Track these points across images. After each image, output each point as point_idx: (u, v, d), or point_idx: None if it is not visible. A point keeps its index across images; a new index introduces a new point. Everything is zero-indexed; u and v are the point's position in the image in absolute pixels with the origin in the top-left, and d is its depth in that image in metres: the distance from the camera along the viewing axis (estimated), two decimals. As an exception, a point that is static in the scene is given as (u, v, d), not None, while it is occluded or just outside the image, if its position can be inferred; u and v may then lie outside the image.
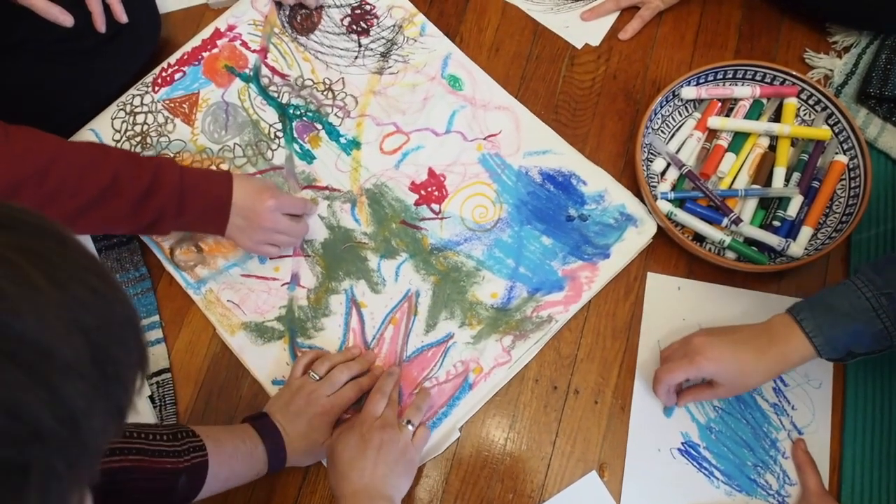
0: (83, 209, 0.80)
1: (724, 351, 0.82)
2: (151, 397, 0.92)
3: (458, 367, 0.93)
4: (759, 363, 0.80)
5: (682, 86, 1.00)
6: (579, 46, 1.09)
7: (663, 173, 1.00)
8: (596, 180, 1.01)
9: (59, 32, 0.91)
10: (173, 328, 0.97)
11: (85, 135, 1.04)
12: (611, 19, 1.11)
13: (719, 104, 1.01)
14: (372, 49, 1.09)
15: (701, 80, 1.01)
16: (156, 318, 0.96)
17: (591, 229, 0.98)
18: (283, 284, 0.98)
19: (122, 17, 0.95)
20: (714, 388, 0.84)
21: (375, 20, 1.11)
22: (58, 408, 0.36)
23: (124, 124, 1.05)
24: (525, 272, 0.97)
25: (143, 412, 0.90)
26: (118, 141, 1.04)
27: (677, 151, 1.00)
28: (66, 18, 0.89)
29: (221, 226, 0.89)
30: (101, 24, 0.93)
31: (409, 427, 0.85)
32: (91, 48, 0.98)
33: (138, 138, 1.04)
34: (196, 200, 0.86)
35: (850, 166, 0.96)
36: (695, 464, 0.88)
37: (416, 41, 1.09)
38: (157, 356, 0.94)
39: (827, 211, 0.96)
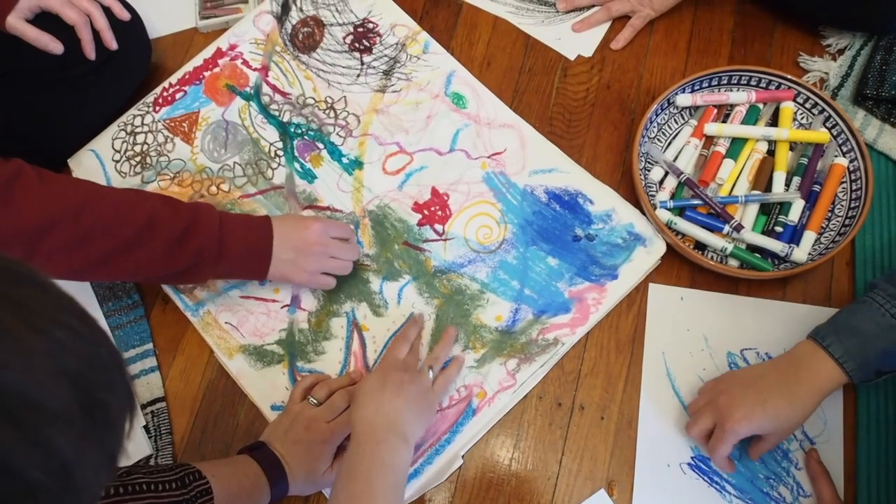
0: (119, 250, 0.74)
1: (753, 407, 0.73)
2: (146, 427, 0.84)
3: (462, 391, 0.85)
4: (794, 404, 0.73)
5: (676, 93, 0.93)
6: (572, 58, 1.02)
7: (661, 182, 0.92)
8: (603, 199, 0.93)
9: (49, 61, 0.86)
10: (167, 356, 0.89)
11: (85, 155, 0.98)
12: (603, 30, 1.04)
13: (715, 111, 0.94)
14: (374, 67, 1.02)
15: (696, 87, 0.94)
16: (149, 345, 0.89)
17: (599, 249, 0.90)
18: (283, 307, 0.90)
19: (112, 44, 0.89)
20: (764, 439, 0.76)
21: (378, 38, 1.04)
22: (49, 461, 0.33)
23: (124, 144, 0.99)
24: (530, 294, 0.89)
25: (138, 443, 0.82)
26: (117, 161, 0.98)
27: (675, 159, 0.93)
28: (56, 46, 0.84)
29: (264, 268, 0.81)
30: (90, 52, 0.87)
31: (430, 373, 0.80)
32: (81, 76, 0.92)
33: (138, 158, 0.98)
34: (236, 242, 0.79)
35: (851, 168, 0.89)
36: (706, 478, 0.81)
37: (419, 59, 1.02)
38: (152, 385, 0.86)
39: (829, 215, 0.89)
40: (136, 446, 0.82)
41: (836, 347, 0.72)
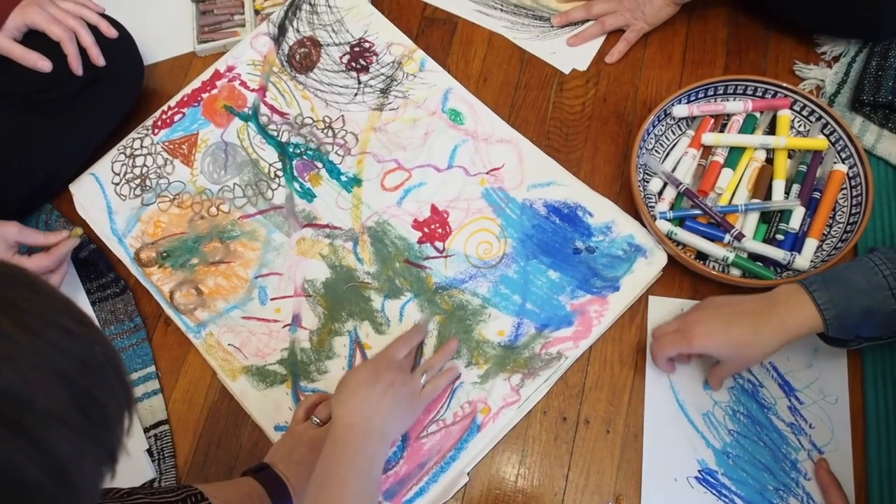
0: None
1: (714, 327, 0.75)
2: (150, 451, 0.82)
3: (466, 408, 0.83)
4: (758, 336, 0.72)
5: (673, 104, 0.92)
6: (567, 72, 1.02)
7: (660, 193, 0.91)
8: (602, 211, 0.91)
9: (39, 82, 0.85)
10: (170, 378, 0.88)
11: (85, 179, 0.98)
12: (597, 43, 1.03)
13: (712, 121, 0.93)
14: (371, 86, 1.01)
15: (692, 98, 0.93)
16: (152, 368, 0.87)
17: (600, 262, 0.89)
18: (284, 326, 0.89)
19: (100, 60, 0.88)
20: (722, 364, 0.78)
21: (374, 57, 1.03)
22: (45, 460, 0.33)
23: (123, 167, 0.98)
24: (532, 308, 0.87)
25: (141, 466, 0.81)
26: (117, 184, 0.97)
27: (673, 170, 0.92)
28: (44, 64, 0.84)
29: None
30: (77, 67, 0.87)
31: (423, 378, 0.79)
32: (72, 95, 0.91)
33: (137, 181, 0.97)
34: None
35: (850, 175, 0.87)
36: (714, 491, 0.79)
37: (415, 76, 1.01)
38: (155, 408, 0.85)
39: (830, 221, 0.87)
40: (140, 470, 0.81)
41: (821, 294, 0.70)
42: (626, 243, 0.89)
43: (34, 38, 0.86)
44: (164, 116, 1.01)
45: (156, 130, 1.00)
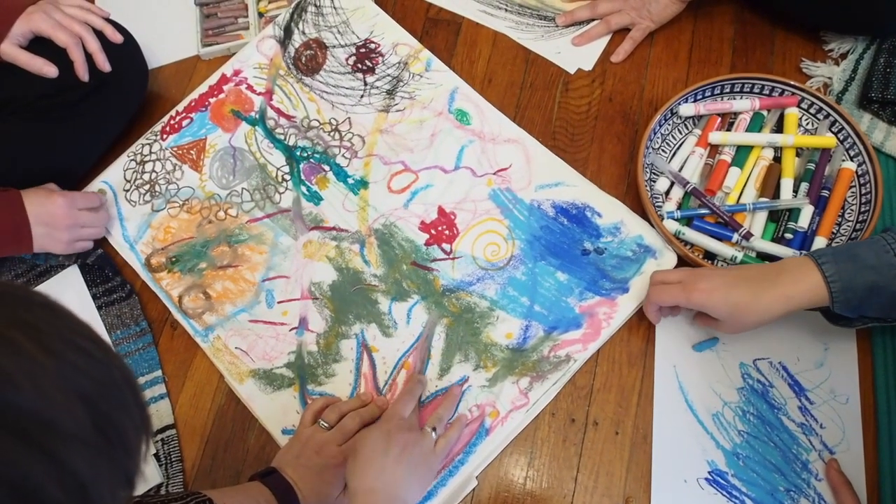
0: None
1: (717, 285, 0.73)
2: (157, 455, 0.82)
3: (474, 411, 0.82)
4: (758, 301, 0.71)
5: (679, 103, 0.91)
6: (572, 71, 1.01)
7: (668, 192, 0.90)
8: (611, 212, 0.90)
9: (45, 88, 0.85)
10: (176, 382, 0.87)
11: (97, 186, 0.98)
12: (602, 43, 1.02)
13: (719, 119, 0.92)
14: (378, 87, 1.01)
15: (698, 97, 0.92)
16: (158, 373, 0.87)
17: (608, 263, 0.88)
18: (291, 329, 0.88)
19: (105, 65, 0.88)
20: (716, 322, 0.76)
21: (380, 58, 1.02)
22: (65, 479, 0.33)
23: (134, 174, 0.98)
24: (540, 310, 0.87)
25: (148, 471, 0.80)
26: (127, 190, 0.97)
27: (680, 169, 0.91)
28: (50, 70, 0.84)
29: (27, 241, 0.85)
30: (83, 73, 0.86)
31: (433, 434, 0.77)
32: (77, 101, 0.90)
33: (146, 186, 0.97)
34: None
35: (859, 172, 0.87)
36: (724, 493, 0.78)
37: (421, 77, 1.01)
38: (162, 412, 0.85)
39: (839, 220, 0.86)
40: (147, 474, 0.81)
41: (830, 266, 0.69)
42: (634, 244, 0.88)
43: (39, 44, 0.85)
44: (172, 122, 1.01)
45: (164, 136, 1.00)
